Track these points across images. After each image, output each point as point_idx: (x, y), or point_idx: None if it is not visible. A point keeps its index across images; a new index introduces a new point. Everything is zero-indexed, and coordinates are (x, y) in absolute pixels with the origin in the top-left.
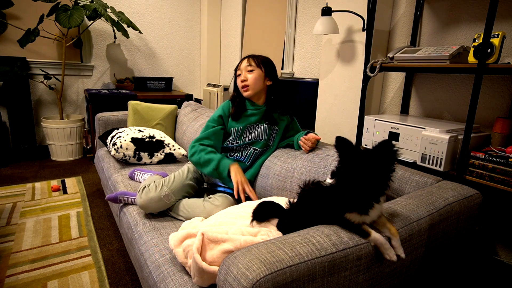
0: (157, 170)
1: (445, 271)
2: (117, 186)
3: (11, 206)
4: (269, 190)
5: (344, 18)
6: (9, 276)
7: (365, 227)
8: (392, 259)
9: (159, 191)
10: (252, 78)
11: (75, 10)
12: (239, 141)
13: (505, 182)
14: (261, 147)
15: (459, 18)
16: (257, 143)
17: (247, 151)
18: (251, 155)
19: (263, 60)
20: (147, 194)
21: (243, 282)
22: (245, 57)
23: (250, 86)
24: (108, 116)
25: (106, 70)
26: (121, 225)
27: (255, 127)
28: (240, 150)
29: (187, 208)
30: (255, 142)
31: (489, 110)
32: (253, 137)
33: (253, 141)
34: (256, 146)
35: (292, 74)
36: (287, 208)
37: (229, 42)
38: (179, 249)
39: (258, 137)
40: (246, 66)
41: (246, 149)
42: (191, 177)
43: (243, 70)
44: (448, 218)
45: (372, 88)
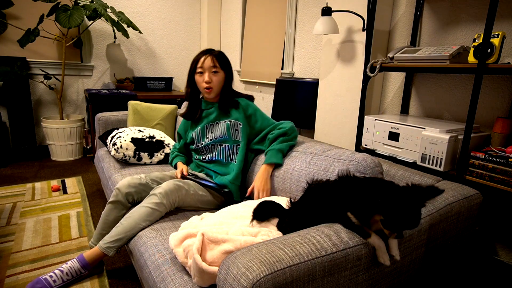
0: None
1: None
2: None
3: (11, 206)
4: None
5: (344, 18)
6: (9, 276)
7: (366, 228)
8: (385, 263)
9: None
10: (216, 80)
11: (75, 10)
12: (203, 142)
13: (505, 182)
14: (231, 143)
15: (459, 18)
16: (224, 140)
17: (217, 149)
18: (223, 152)
19: (225, 60)
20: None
21: (243, 282)
22: (207, 53)
23: (214, 89)
24: (108, 116)
25: (106, 70)
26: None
27: (215, 125)
28: (209, 150)
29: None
30: (221, 139)
31: (489, 110)
32: (216, 135)
33: (218, 139)
34: (224, 143)
35: (292, 74)
36: (288, 208)
37: (229, 42)
38: (179, 249)
39: (220, 135)
40: (211, 66)
41: (215, 148)
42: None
43: (207, 70)
44: (448, 218)
45: (372, 88)
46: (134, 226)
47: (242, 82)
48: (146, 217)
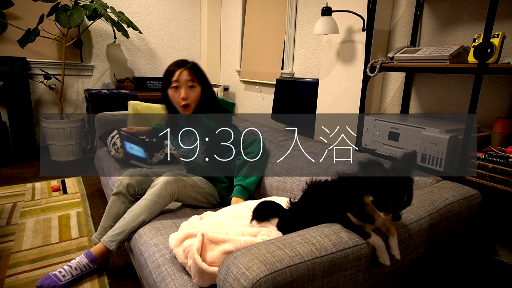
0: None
1: (445, 271)
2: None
3: (11, 206)
4: (269, 190)
5: (344, 18)
6: (9, 276)
7: (366, 228)
8: (386, 263)
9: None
10: (194, 96)
11: (75, 10)
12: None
13: (505, 182)
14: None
15: (459, 18)
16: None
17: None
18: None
19: (201, 72)
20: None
21: (243, 282)
22: (182, 65)
23: (191, 105)
24: (108, 116)
25: (106, 70)
26: None
27: (189, 136)
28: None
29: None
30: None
31: (489, 110)
32: (191, 144)
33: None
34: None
35: (292, 74)
36: (288, 208)
37: (229, 42)
38: (179, 249)
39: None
40: (187, 80)
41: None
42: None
43: (183, 85)
44: (448, 218)
45: (372, 88)
46: (135, 218)
47: (242, 82)
48: (145, 209)
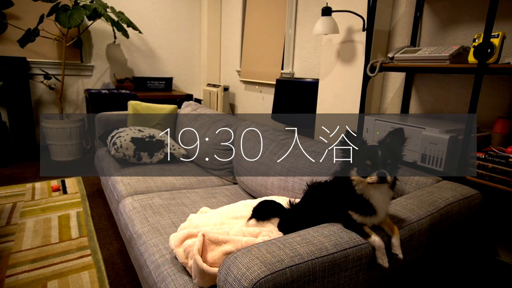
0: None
1: (445, 271)
2: (117, 186)
3: (11, 206)
4: (270, 189)
5: (344, 18)
6: (9, 276)
7: (366, 228)
8: (384, 265)
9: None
10: None
11: (75, 10)
12: None
13: (505, 182)
14: None
15: (459, 18)
16: None
17: None
18: None
19: None
20: None
21: (243, 282)
22: None
23: None
24: (108, 116)
25: (106, 70)
26: (120, 225)
27: None
28: None
29: None
30: None
31: (489, 110)
32: None
33: None
34: None
35: (292, 74)
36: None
37: (229, 42)
38: (180, 249)
39: None
40: None
41: None
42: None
43: None
44: (448, 218)
45: (372, 88)
46: None
47: (242, 82)
48: None
